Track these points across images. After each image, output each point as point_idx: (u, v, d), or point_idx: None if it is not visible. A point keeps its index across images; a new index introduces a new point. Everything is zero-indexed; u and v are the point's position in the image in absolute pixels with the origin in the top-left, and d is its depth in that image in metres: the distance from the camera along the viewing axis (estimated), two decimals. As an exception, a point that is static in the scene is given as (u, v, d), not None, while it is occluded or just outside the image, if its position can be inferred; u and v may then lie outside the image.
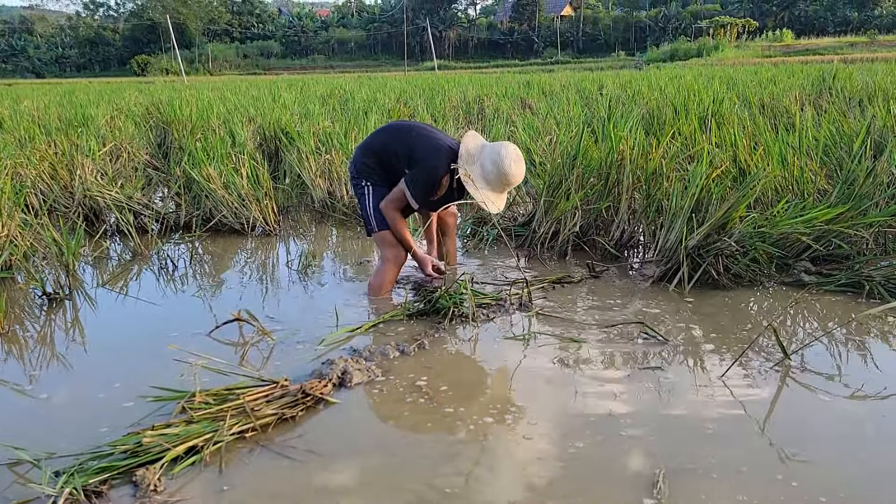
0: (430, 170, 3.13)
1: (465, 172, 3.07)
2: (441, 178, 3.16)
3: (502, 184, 3.09)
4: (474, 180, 3.07)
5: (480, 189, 3.06)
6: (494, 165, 3.05)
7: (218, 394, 2.22)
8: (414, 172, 3.15)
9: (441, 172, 3.14)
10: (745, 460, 1.90)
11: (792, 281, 3.37)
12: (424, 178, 3.14)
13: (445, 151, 3.16)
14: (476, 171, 3.09)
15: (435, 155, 3.15)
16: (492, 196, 3.10)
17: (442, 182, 3.19)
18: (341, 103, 10.64)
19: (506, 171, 3.04)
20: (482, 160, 3.09)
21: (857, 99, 8.33)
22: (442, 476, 1.87)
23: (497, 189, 3.11)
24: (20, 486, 1.84)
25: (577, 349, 2.68)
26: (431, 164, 3.13)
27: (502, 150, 3.05)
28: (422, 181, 3.14)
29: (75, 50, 72.47)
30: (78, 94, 16.44)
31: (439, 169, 3.13)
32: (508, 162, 3.04)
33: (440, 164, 3.13)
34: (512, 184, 3.10)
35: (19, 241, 3.86)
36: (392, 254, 3.32)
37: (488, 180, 3.08)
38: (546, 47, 66.45)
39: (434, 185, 3.17)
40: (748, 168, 4.06)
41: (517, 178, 3.09)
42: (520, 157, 3.09)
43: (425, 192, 3.17)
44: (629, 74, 18.50)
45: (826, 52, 39.29)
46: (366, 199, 3.32)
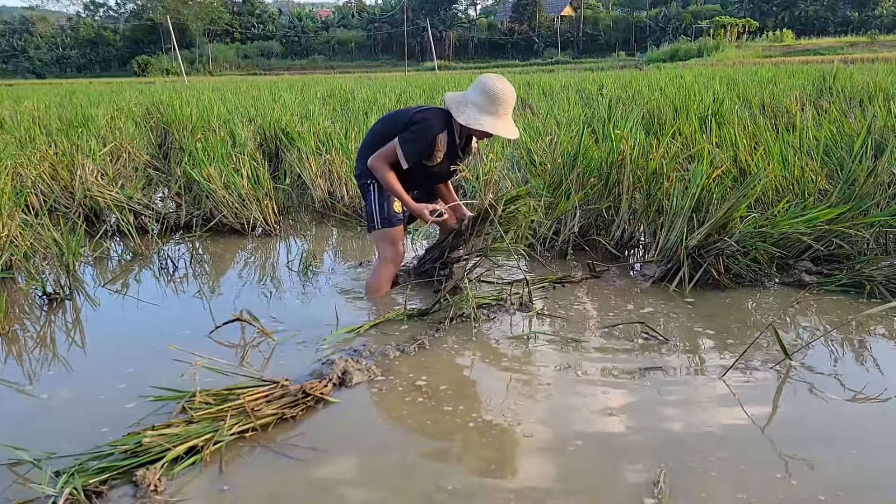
0: (425, 128, 3.08)
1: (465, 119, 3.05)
2: (436, 137, 3.10)
3: (496, 103, 3.04)
4: (475, 118, 3.04)
5: (485, 122, 3.03)
6: (482, 94, 3.04)
7: (218, 394, 2.22)
8: (408, 132, 3.10)
9: (435, 130, 3.09)
10: (745, 459, 1.90)
11: (793, 281, 3.37)
12: (418, 136, 3.08)
13: (440, 111, 3.15)
14: (470, 111, 3.05)
15: (429, 114, 3.13)
16: (498, 123, 3.06)
17: (437, 142, 3.12)
18: (342, 104, 10.65)
19: (493, 89, 3.02)
20: (470, 99, 3.08)
21: (857, 99, 8.33)
22: (442, 475, 1.86)
23: (496, 112, 3.06)
24: (20, 486, 1.84)
25: (577, 349, 2.68)
26: (426, 123, 3.09)
27: (481, 79, 3.09)
28: (415, 139, 3.08)
29: (76, 50, 72.48)
30: (78, 94, 16.45)
31: (434, 127, 3.09)
32: (491, 82, 3.05)
33: (435, 122, 3.09)
34: (505, 100, 3.05)
35: (20, 242, 3.86)
36: (390, 252, 3.31)
37: (485, 109, 3.04)
38: (546, 48, 66.45)
39: (427, 144, 3.10)
40: (749, 168, 4.06)
41: (507, 92, 3.05)
42: (499, 77, 3.11)
43: (419, 151, 3.10)
44: (630, 74, 18.50)
45: (826, 53, 39.28)
46: (371, 196, 3.30)
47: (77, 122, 8.31)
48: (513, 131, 3.10)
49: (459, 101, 3.10)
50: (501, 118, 3.07)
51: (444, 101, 3.15)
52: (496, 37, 70.39)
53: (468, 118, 3.04)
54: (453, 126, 3.17)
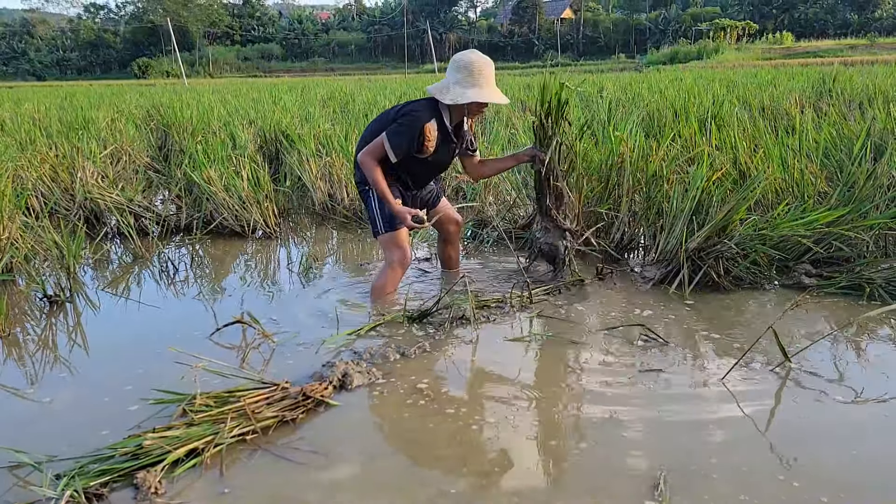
0: (411, 120, 3.06)
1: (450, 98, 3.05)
2: (423, 128, 3.08)
3: (476, 74, 3.03)
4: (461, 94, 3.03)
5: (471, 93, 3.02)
6: (459, 70, 3.04)
7: (219, 396, 2.23)
8: (395, 125, 3.10)
9: (423, 121, 3.07)
10: (746, 461, 1.90)
11: (792, 283, 3.37)
12: (404, 128, 3.06)
13: (426, 102, 3.14)
14: (454, 89, 3.05)
15: (415, 106, 3.12)
16: (484, 92, 3.04)
17: (426, 133, 3.10)
18: (342, 106, 10.66)
19: (469, 61, 3.04)
20: (450, 80, 3.08)
21: (857, 101, 8.34)
22: (444, 479, 1.87)
23: (479, 83, 3.04)
24: (21, 488, 1.84)
25: (578, 351, 2.68)
26: (412, 115, 3.08)
27: (454, 58, 3.12)
28: (401, 132, 3.06)
29: (76, 53, 72.57)
30: (79, 96, 16.47)
31: (420, 117, 3.07)
32: (465, 56, 3.07)
33: (422, 113, 3.08)
34: (484, 69, 3.05)
35: (20, 244, 3.87)
36: (397, 256, 3.30)
37: (467, 83, 3.03)
38: (546, 50, 66.49)
39: (414, 135, 3.07)
40: (748, 171, 4.07)
41: (483, 62, 3.07)
42: (472, 50, 3.14)
43: (406, 143, 3.08)
44: (629, 77, 18.51)
45: (826, 55, 39.31)
46: (372, 202, 3.29)
47: (77, 125, 8.32)
48: (501, 97, 3.10)
49: (441, 87, 3.10)
50: (486, 87, 3.05)
51: (427, 92, 3.15)
52: (496, 39, 70.48)
53: (454, 96, 3.03)
54: (442, 114, 3.15)
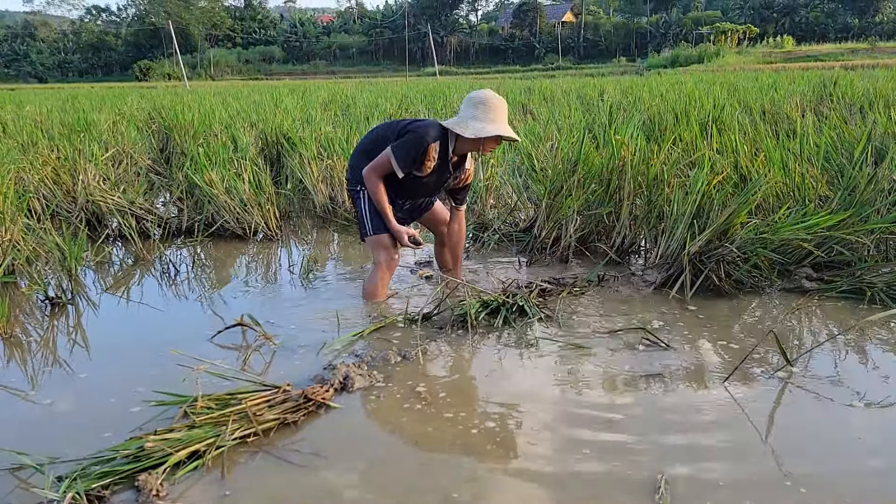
0: (418, 137, 3.09)
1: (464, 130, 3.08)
2: (428, 147, 3.11)
3: (493, 110, 3.08)
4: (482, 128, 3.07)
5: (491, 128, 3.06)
6: (476, 106, 3.08)
7: (220, 398, 2.23)
8: (401, 140, 3.13)
9: (429, 140, 3.10)
10: (747, 466, 1.90)
11: (793, 287, 3.37)
12: (411, 143, 3.10)
13: (435, 125, 3.17)
14: (473, 124, 3.08)
15: (424, 125, 3.15)
16: (501, 128, 3.10)
17: (430, 153, 3.13)
18: (343, 109, 10.67)
19: (487, 99, 3.09)
20: (467, 115, 3.11)
21: (857, 105, 8.35)
22: (444, 482, 1.87)
23: (496, 119, 3.09)
24: (23, 490, 1.85)
25: (579, 355, 2.69)
26: (420, 131, 3.11)
27: (470, 95, 3.15)
28: (408, 147, 3.10)
29: (78, 55, 72.71)
30: (80, 99, 16.50)
31: (427, 136, 3.10)
32: (482, 95, 3.11)
33: (429, 132, 3.11)
34: (501, 107, 3.11)
35: (22, 246, 3.87)
36: (384, 257, 3.32)
37: (486, 118, 3.07)
38: (547, 53, 66.60)
39: (420, 153, 3.10)
40: (749, 174, 4.07)
41: (499, 99, 3.12)
42: (487, 91, 3.18)
43: (413, 158, 3.11)
44: (630, 80, 18.53)
45: (827, 59, 39.36)
46: (361, 203, 3.32)
47: (79, 127, 8.33)
48: (514, 133, 3.15)
49: (458, 122, 3.12)
50: (501, 122, 3.10)
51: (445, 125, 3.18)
52: (497, 42, 70.58)
53: (475, 130, 3.05)
54: (448, 140, 3.18)
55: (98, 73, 69.70)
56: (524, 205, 4.88)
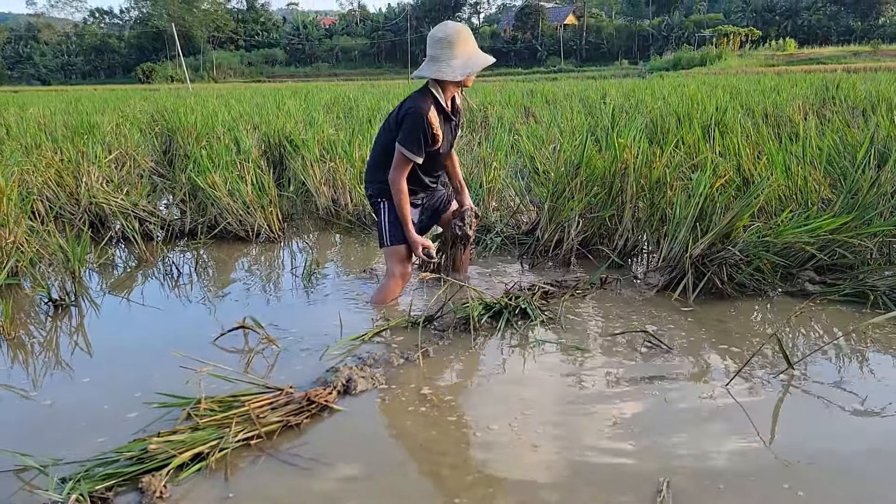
0: (415, 116, 3.05)
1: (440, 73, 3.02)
2: (428, 117, 3.06)
3: (464, 42, 3.01)
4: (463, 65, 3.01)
5: (471, 63, 3.01)
6: (447, 45, 3.00)
7: (223, 401, 2.23)
8: (402, 131, 3.10)
9: (424, 111, 3.04)
10: (749, 469, 1.90)
11: (796, 290, 3.37)
12: (413, 126, 3.06)
13: (417, 93, 3.12)
14: (453, 63, 3.01)
15: (410, 102, 3.10)
16: (480, 56, 3.05)
17: (432, 122, 3.08)
18: (345, 111, 10.68)
19: (452, 33, 3.00)
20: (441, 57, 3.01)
21: (860, 108, 8.34)
22: (447, 486, 1.87)
23: (469, 50, 3.03)
24: (27, 492, 1.85)
25: (581, 358, 2.69)
26: (413, 110, 3.06)
27: (433, 34, 3.05)
28: (412, 132, 3.06)
29: (81, 57, 72.92)
30: (83, 101, 16.54)
31: (421, 109, 3.04)
32: (444, 30, 3.02)
33: (421, 105, 3.06)
34: (468, 36, 3.03)
35: (26, 248, 3.88)
36: (399, 270, 3.33)
37: (462, 52, 3.01)
38: (549, 56, 66.67)
39: (424, 128, 3.06)
40: (752, 177, 4.07)
41: (462, 28, 3.03)
42: (443, 23, 3.10)
43: (420, 139, 3.07)
44: (632, 83, 18.54)
45: (829, 62, 39.36)
46: (382, 214, 3.32)
47: (82, 129, 8.35)
48: (485, 59, 3.10)
49: (434, 67, 3.03)
50: (475, 51, 3.06)
51: (416, 78, 3.12)
52: (499, 45, 70.61)
53: (462, 68, 3.00)
54: (437, 97, 3.12)
55: (101, 76, 69.90)
56: (526, 207, 4.88)
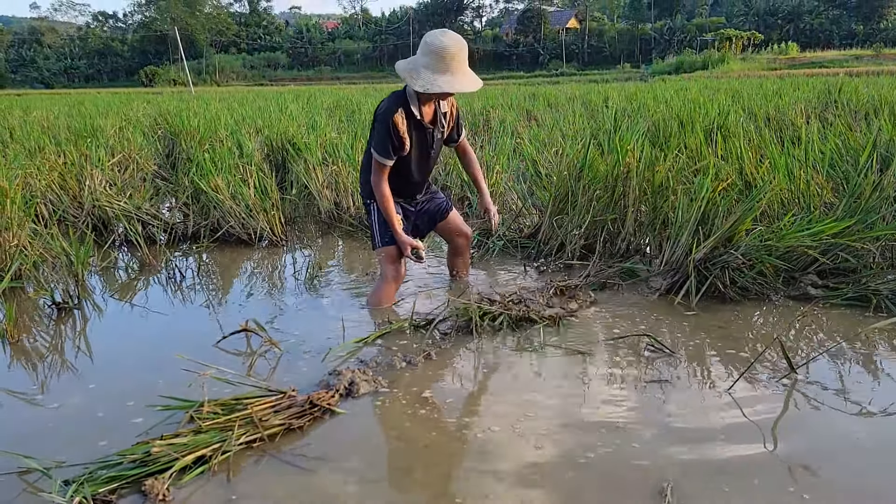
0: (381, 117, 3.03)
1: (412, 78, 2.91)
2: (394, 120, 3.01)
3: (447, 59, 2.87)
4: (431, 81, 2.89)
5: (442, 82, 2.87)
6: (430, 53, 2.88)
7: (226, 404, 2.24)
8: (371, 134, 3.12)
9: (391, 113, 3.00)
10: (753, 472, 1.90)
11: (798, 294, 3.37)
12: (379, 130, 3.05)
13: (393, 95, 3.09)
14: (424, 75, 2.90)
15: (382, 104, 3.09)
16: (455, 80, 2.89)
17: (398, 125, 3.02)
18: (347, 114, 10.70)
19: (440, 45, 2.86)
20: (420, 63, 2.93)
21: (863, 112, 8.34)
22: (450, 489, 1.87)
23: (450, 68, 2.89)
24: (30, 494, 1.86)
25: (584, 361, 2.69)
26: (380, 112, 3.06)
27: (425, 38, 2.93)
28: (379, 135, 3.05)
29: (84, 61, 73.13)
30: (87, 104, 16.58)
31: (389, 111, 3.01)
32: (436, 38, 2.89)
33: (389, 107, 3.03)
34: (455, 53, 2.88)
35: (29, 251, 3.90)
36: (391, 271, 3.33)
37: (437, 68, 2.88)
38: (551, 59, 66.72)
39: (389, 130, 3.01)
40: (754, 181, 4.07)
41: (455, 44, 2.88)
42: (444, 31, 2.95)
43: (386, 142, 3.03)
44: (635, 87, 18.55)
45: (831, 65, 39.34)
46: (372, 216, 3.36)
47: (86, 133, 8.38)
48: (472, 83, 2.95)
49: (410, 69, 2.94)
50: (457, 73, 2.91)
51: (396, 70, 3.05)
52: (501, 48, 70.75)
53: (424, 83, 2.88)
54: (409, 102, 3.07)
55: (104, 79, 70.07)
56: (529, 211, 4.88)
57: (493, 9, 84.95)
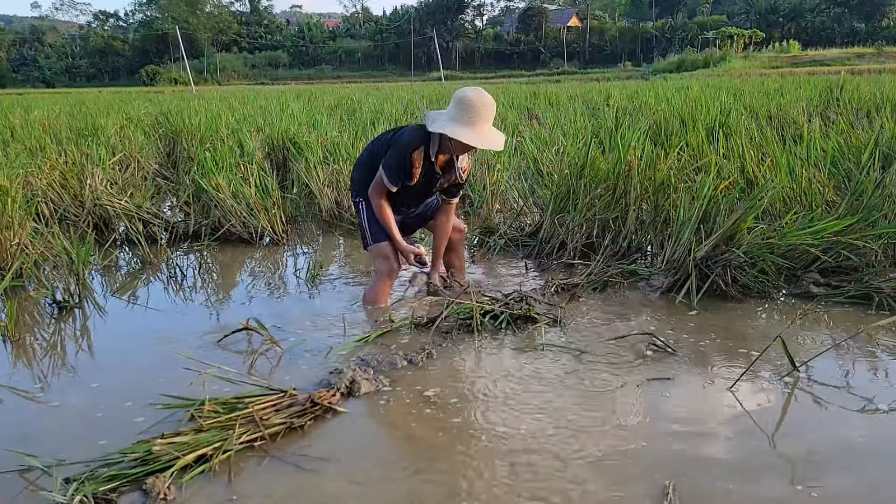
0: (401, 148, 3.08)
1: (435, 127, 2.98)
2: (412, 154, 3.07)
3: (470, 112, 2.92)
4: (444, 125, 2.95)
5: (457, 131, 2.92)
6: (456, 104, 2.95)
7: (227, 402, 2.23)
8: (387, 156, 3.14)
9: (411, 148, 3.06)
10: (755, 472, 1.90)
11: (800, 293, 3.36)
12: (396, 155, 3.09)
13: (415, 131, 3.12)
14: (442, 120, 2.98)
15: (404, 134, 3.14)
16: (472, 133, 2.93)
17: (414, 160, 3.09)
18: (349, 114, 10.69)
19: (466, 98, 2.92)
20: (446, 112, 3.00)
21: (864, 110, 8.33)
22: (452, 489, 1.87)
23: (471, 122, 2.93)
24: (31, 492, 1.86)
25: (585, 360, 2.68)
26: (401, 141, 3.10)
27: (456, 92, 3.01)
28: (394, 159, 3.09)
29: (85, 60, 73.17)
30: (88, 103, 16.57)
31: (410, 144, 3.06)
32: (464, 93, 2.96)
33: (411, 140, 3.08)
34: (479, 109, 2.92)
35: (30, 250, 3.90)
36: (384, 267, 3.33)
37: (458, 119, 2.93)
38: (552, 58, 66.66)
39: (405, 161, 3.08)
40: (756, 179, 4.07)
41: (481, 101, 2.94)
42: (476, 88, 3.02)
43: (398, 170, 3.10)
44: (636, 85, 18.53)
45: (833, 64, 39.28)
46: (362, 213, 3.37)
47: (87, 132, 8.38)
48: (491, 141, 2.98)
49: (435, 116, 3.05)
50: (477, 128, 2.95)
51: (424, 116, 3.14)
52: (502, 47, 70.69)
53: (441, 126, 2.96)
54: (430, 143, 3.12)
55: (105, 78, 70.07)
56: (530, 209, 4.88)
57: (495, 7, 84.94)
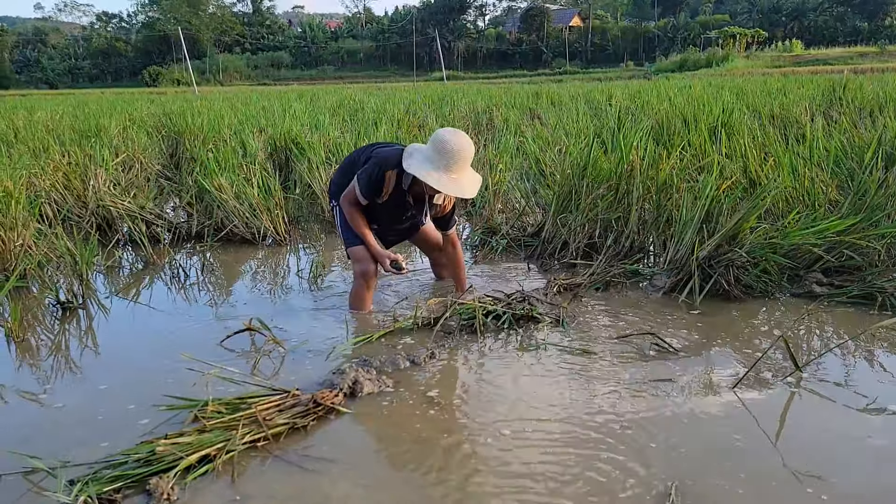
0: (376, 164, 3.09)
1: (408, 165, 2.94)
2: (384, 174, 3.06)
3: (446, 157, 2.86)
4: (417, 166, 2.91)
5: (428, 174, 2.87)
6: (433, 146, 2.90)
7: (230, 403, 2.24)
8: (363, 167, 3.15)
9: (389, 166, 3.05)
10: (758, 471, 1.90)
11: (803, 292, 3.36)
12: (370, 170, 3.09)
13: (397, 153, 3.09)
14: (416, 158, 2.94)
15: (386, 152, 3.15)
16: (443, 178, 2.88)
17: (386, 180, 3.08)
18: (351, 114, 10.70)
19: (444, 141, 2.87)
20: (424, 151, 2.96)
21: (867, 109, 8.31)
22: (454, 489, 1.87)
23: (446, 166, 2.87)
24: (35, 494, 1.86)
25: (588, 360, 2.68)
26: (379, 157, 3.11)
27: (436, 132, 2.96)
28: (367, 174, 3.09)
29: (88, 61, 73.25)
30: (91, 104, 16.60)
31: (385, 164, 3.07)
32: (443, 135, 2.91)
33: (387, 160, 3.08)
34: (456, 153, 2.86)
35: (34, 251, 3.91)
36: (359, 269, 3.30)
37: (433, 161, 2.88)
38: (555, 58, 66.57)
39: (379, 177, 3.07)
40: (759, 179, 4.06)
41: (459, 145, 2.87)
42: (455, 131, 2.95)
43: (369, 184, 3.09)
44: (638, 85, 18.51)
45: (836, 63, 39.19)
46: (337, 218, 3.41)
47: (90, 133, 8.39)
48: (461, 189, 2.92)
49: (413, 151, 3.00)
50: (450, 174, 2.89)
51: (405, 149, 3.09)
52: (504, 47, 70.65)
53: (414, 166, 2.91)
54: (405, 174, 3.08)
55: (108, 79, 70.13)
56: (532, 210, 4.88)
57: (497, 7, 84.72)
